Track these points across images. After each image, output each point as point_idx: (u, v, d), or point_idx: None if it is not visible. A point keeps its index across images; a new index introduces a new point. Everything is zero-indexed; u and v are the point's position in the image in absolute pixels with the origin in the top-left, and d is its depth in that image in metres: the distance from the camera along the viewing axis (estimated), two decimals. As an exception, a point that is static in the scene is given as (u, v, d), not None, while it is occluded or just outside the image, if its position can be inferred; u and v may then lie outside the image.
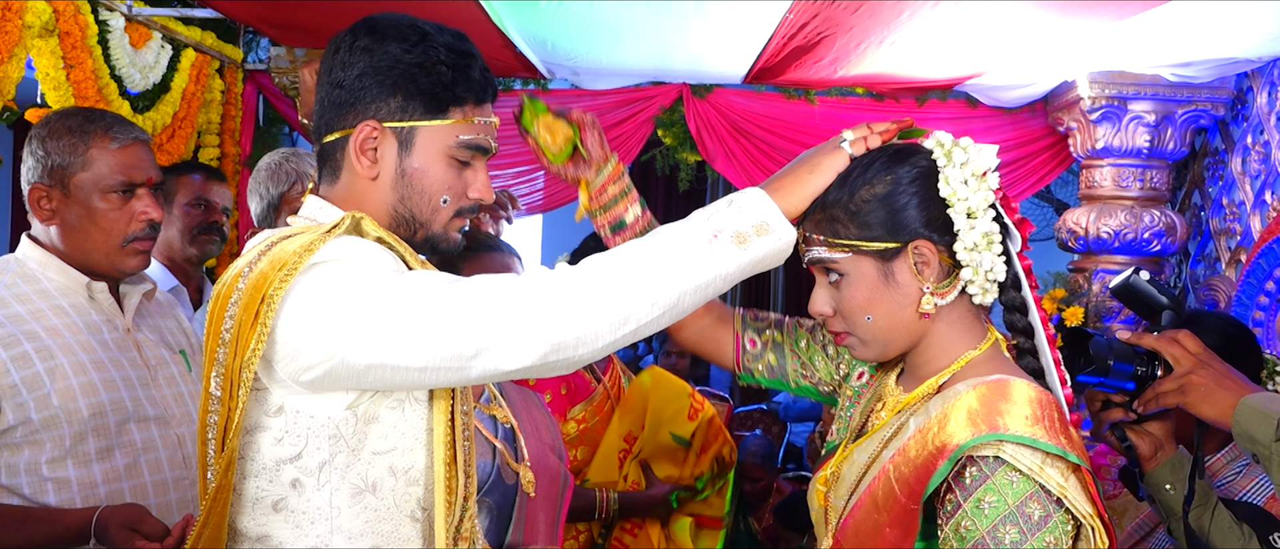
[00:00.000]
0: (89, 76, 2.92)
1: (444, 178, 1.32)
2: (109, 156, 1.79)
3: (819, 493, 1.40)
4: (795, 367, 1.52)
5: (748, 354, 1.52)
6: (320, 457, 1.23)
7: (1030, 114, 4.23)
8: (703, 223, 1.22)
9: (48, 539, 1.66)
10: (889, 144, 1.31)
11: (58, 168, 1.79)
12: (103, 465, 1.75)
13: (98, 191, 1.79)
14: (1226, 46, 3.35)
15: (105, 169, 1.79)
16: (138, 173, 1.82)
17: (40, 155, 1.80)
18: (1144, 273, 1.55)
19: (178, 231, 2.73)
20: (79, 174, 1.78)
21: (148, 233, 1.84)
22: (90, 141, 1.79)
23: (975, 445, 1.18)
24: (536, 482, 2.02)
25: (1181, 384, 1.41)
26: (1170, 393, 1.43)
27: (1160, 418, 1.50)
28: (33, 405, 1.69)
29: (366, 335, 1.16)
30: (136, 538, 1.59)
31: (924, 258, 1.27)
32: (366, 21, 1.33)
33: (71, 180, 1.79)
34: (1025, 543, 1.16)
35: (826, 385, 1.52)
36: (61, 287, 1.81)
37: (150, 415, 1.82)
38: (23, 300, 1.76)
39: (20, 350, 1.70)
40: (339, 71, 1.31)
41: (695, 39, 3.53)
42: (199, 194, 2.78)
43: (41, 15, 2.68)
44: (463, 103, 1.32)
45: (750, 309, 1.58)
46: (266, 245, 1.25)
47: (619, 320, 1.17)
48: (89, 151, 1.79)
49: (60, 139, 1.79)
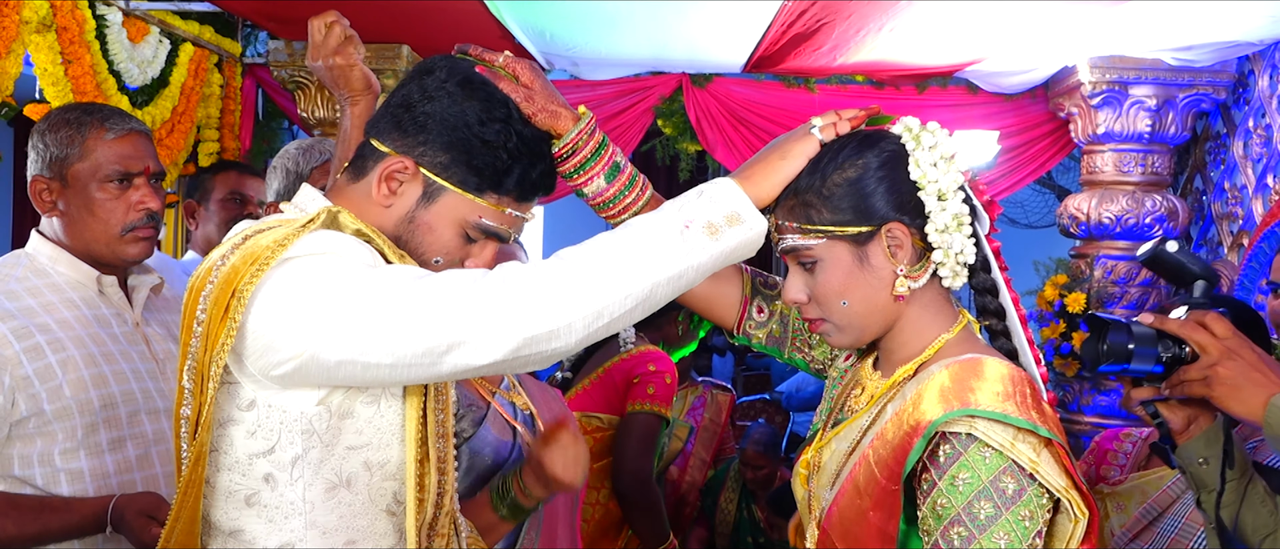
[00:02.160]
0: (87, 72, 2.92)
1: (447, 244, 1.32)
2: (106, 147, 1.82)
3: (801, 478, 1.41)
4: (797, 343, 1.53)
5: (752, 321, 1.52)
6: (293, 451, 1.23)
7: (1031, 100, 4.22)
8: (675, 214, 1.21)
9: (65, 528, 1.67)
10: (858, 130, 1.32)
11: (57, 159, 1.81)
12: (115, 456, 1.77)
13: (96, 181, 1.81)
14: (1227, 29, 3.34)
15: (102, 159, 1.81)
16: (134, 162, 1.84)
17: (41, 148, 1.83)
18: (1172, 242, 1.47)
19: (215, 226, 2.81)
20: (77, 164, 1.81)
21: (146, 221, 1.85)
22: (87, 133, 1.81)
23: (947, 422, 1.20)
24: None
25: (1207, 375, 1.31)
26: (1195, 383, 1.33)
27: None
28: (45, 396, 1.70)
29: (336, 332, 1.15)
30: (153, 526, 1.60)
31: (897, 240, 1.28)
32: (466, 70, 1.32)
33: (70, 171, 1.81)
34: (1000, 516, 1.17)
35: (818, 364, 1.53)
36: (71, 280, 1.83)
37: (160, 407, 1.84)
38: (34, 294, 1.78)
39: (33, 342, 1.72)
40: (416, 95, 1.31)
41: (694, 28, 3.53)
42: (234, 189, 2.85)
43: (39, 10, 2.68)
44: (504, 192, 1.31)
45: (760, 272, 1.56)
46: (241, 238, 1.25)
47: (593, 313, 1.16)
48: (86, 142, 1.81)
49: (59, 132, 1.82)
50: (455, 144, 1.28)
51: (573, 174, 1.39)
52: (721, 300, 1.52)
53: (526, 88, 1.34)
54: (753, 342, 1.53)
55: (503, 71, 1.34)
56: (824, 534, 1.32)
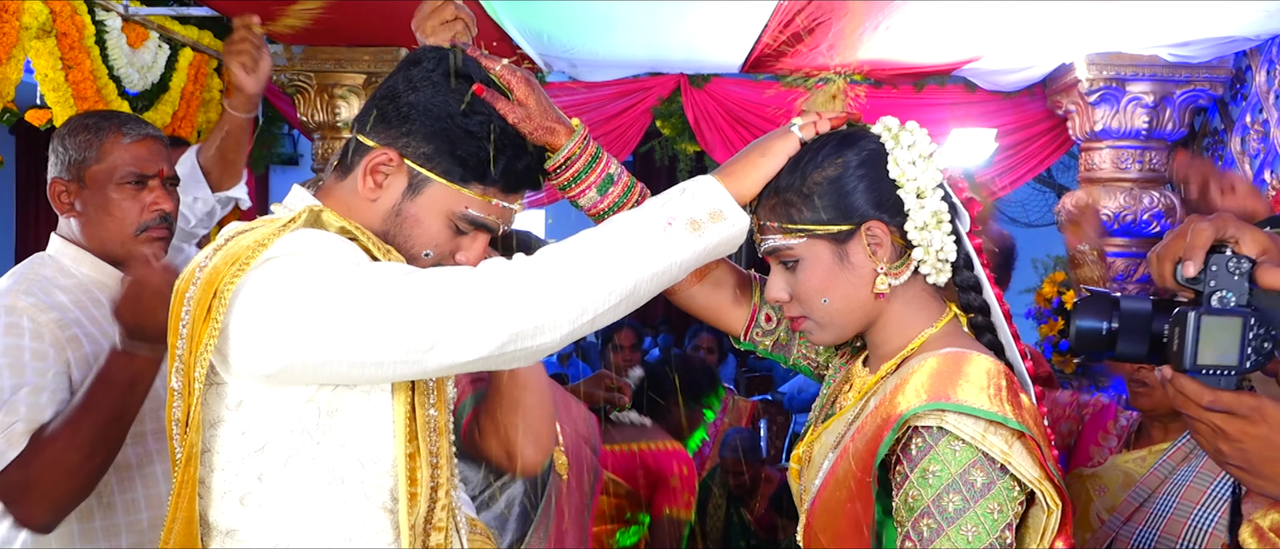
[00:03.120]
0: (87, 77, 2.93)
1: (436, 237, 1.32)
2: (122, 150, 1.90)
3: (794, 472, 1.44)
4: (803, 349, 1.54)
5: (759, 328, 1.53)
6: (285, 450, 1.23)
7: (1029, 97, 4.23)
8: (657, 211, 1.22)
9: (109, 389, 1.65)
10: (838, 130, 1.34)
11: (75, 162, 1.89)
12: (136, 449, 1.82)
13: (112, 183, 1.88)
14: (1224, 25, 3.34)
15: (118, 161, 1.89)
16: (149, 165, 1.91)
17: (60, 152, 1.91)
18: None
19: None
20: (94, 167, 1.89)
21: (160, 222, 1.92)
22: (105, 137, 1.90)
23: (917, 414, 1.21)
24: (569, 467, 2.07)
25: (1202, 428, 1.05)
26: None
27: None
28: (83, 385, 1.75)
29: (319, 331, 1.15)
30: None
31: (877, 238, 1.30)
32: (454, 59, 1.32)
33: (88, 173, 1.89)
34: (969, 509, 1.18)
35: (823, 370, 1.55)
36: (95, 280, 1.90)
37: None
38: (65, 291, 1.85)
39: (71, 333, 1.79)
40: (401, 87, 1.31)
41: (692, 28, 3.54)
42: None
43: (39, 16, 2.69)
44: (489, 183, 1.31)
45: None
46: (224, 239, 1.26)
47: (578, 310, 1.17)
48: (103, 146, 1.89)
49: (78, 136, 1.90)
50: (439, 134, 1.28)
51: (567, 186, 1.39)
52: (733, 312, 1.53)
53: (522, 104, 1.34)
54: (758, 348, 1.54)
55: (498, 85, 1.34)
56: (809, 525, 1.34)
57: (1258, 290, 1.03)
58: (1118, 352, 1.12)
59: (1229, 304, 1.02)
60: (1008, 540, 1.19)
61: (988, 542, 1.17)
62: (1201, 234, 1.03)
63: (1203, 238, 1.03)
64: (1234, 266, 1.02)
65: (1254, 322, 1.02)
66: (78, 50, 2.89)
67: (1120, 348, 1.11)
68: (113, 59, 3.09)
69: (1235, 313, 1.02)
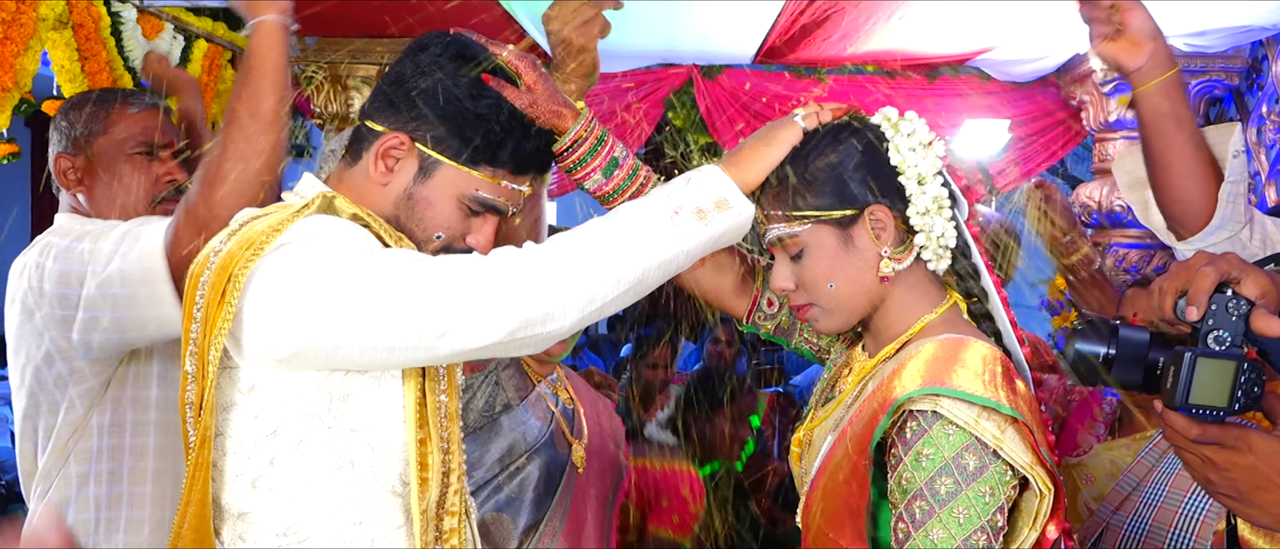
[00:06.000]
0: (103, 68, 2.95)
1: (448, 219, 1.34)
2: (129, 120, 1.89)
3: (794, 455, 1.47)
4: (804, 333, 1.57)
5: (762, 312, 1.56)
6: (297, 434, 1.25)
7: (1043, 88, 4.21)
8: (664, 200, 1.24)
9: (259, 70, 1.57)
10: (839, 120, 1.37)
11: (81, 137, 1.87)
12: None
13: (122, 154, 1.87)
14: (1239, 14, 3.32)
15: (125, 133, 1.88)
16: (157, 135, 1.89)
17: (64, 128, 1.89)
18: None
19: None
20: (100, 139, 1.87)
21: (174, 193, 1.90)
22: (111, 109, 1.89)
23: (912, 398, 1.23)
24: (588, 461, 2.08)
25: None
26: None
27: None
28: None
29: (332, 316, 1.17)
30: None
31: (880, 222, 1.33)
32: (461, 43, 1.33)
33: (94, 146, 1.87)
34: (960, 492, 1.20)
35: (824, 353, 1.58)
36: None
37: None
38: None
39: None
40: (410, 71, 1.32)
41: (704, 19, 3.53)
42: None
43: (55, 8, 2.71)
44: (499, 165, 1.33)
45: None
46: (238, 224, 1.27)
47: (586, 298, 1.19)
48: (109, 117, 1.88)
49: (82, 109, 1.89)
50: (448, 117, 1.30)
51: (573, 169, 1.42)
52: (734, 292, 1.56)
53: (530, 89, 1.36)
54: (760, 331, 1.57)
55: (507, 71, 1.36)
56: (808, 506, 1.37)
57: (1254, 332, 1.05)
58: (1113, 377, 1.16)
59: (1225, 344, 1.05)
60: (999, 523, 1.21)
61: (979, 524, 1.19)
62: (1206, 278, 1.06)
63: (1207, 282, 1.05)
64: (1233, 307, 1.05)
65: (1247, 366, 1.04)
66: (94, 41, 2.91)
67: (1115, 374, 1.15)
68: (128, 50, 3.11)
69: (1230, 356, 1.04)
